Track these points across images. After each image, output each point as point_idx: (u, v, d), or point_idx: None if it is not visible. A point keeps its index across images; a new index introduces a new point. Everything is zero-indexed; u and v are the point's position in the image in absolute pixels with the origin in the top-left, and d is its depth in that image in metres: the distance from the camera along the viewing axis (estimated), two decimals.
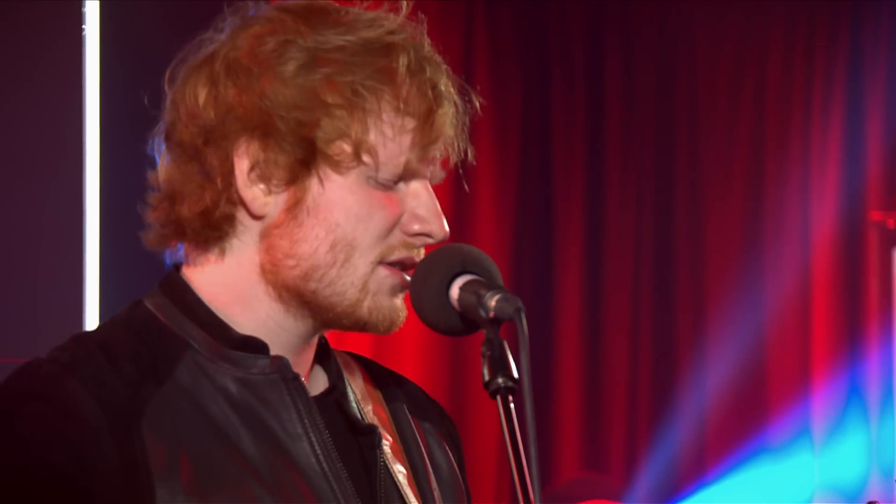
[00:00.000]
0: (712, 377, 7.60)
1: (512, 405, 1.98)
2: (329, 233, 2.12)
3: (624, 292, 7.76)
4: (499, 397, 1.98)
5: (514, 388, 1.99)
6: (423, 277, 2.11)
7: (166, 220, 2.18)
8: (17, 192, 3.78)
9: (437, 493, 2.29)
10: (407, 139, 2.13)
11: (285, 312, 2.17)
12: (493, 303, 2.02)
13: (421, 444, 2.32)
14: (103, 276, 3.82)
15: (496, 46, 7.63)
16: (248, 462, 2.10)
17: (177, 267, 2.22)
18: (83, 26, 3.80)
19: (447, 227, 2.17)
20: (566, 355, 7.74)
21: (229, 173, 2.13)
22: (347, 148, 2.10)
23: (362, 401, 2.28)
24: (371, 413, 2.27)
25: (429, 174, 2.19)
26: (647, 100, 7.76)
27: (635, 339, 7.76)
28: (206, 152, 2.14)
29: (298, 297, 2.15)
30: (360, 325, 2.16)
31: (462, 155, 2.22)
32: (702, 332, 7.64)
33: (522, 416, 1.97)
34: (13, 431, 2.04)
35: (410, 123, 2.13)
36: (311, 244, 2.12)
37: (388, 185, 2.14)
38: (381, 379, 2.36)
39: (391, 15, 2.18)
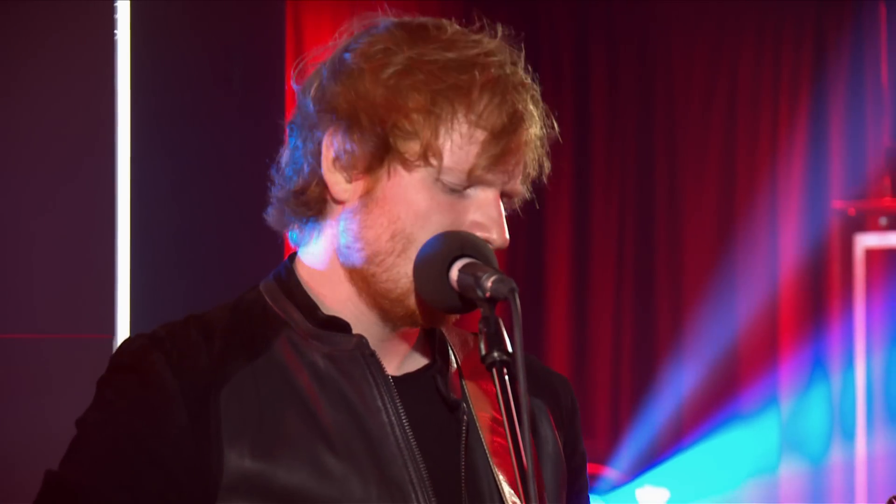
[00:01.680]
0: (689, 351, 7.60)
1: (506, 377, 1.98)
2: (391, 223, 2.12)
3: (608, 275, 7.77)
4: (494, 370, 1.99)
5: (509, 362, 1.98)
6: (426, 260, 2.10)
7: (279, 201, 2.22)
8: (53, 181, 3.76)
9: (540, 467, 2.27)
10: (475, 149, 2.12)
11: (359, 296, 2.18)
12: (489, 283, 2.02)
13: (523, 418, 2.29)
14: (134, 261, 3.81)
15: None
16: (323, 429, 2.11)
17: (292, 258, 2.25)
18: (115, 30, 3.78)
19: (507, 236, 2.17)
20: (555, 332, 7.74)
21: (318, 158, 2.16)
22: (416, 148, 2.11)
23: (469, 376, 2.26)
24: (476, 387, 2.26)
25: (499, 186, 2.17)
26: (629, 99, 7.77)
27: (618, 318, 7.77)
28: (304, 139, 2.17)
29: (363, 280, 2.16)
30: (411, 317, 2.16)
31: (537, 172, 2.23)
32: (679, 311, 7.65)
33: (516, 387, 1.96)
34: (104, 396, 2.11)
35: (481, 135, 2.12)
36: (375, 231, 2.13)
37: (457, 191, 2.14)
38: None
39: (489, 38, 2.22)
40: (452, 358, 2.28)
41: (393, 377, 2.18)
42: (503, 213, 2.17)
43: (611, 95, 7.78)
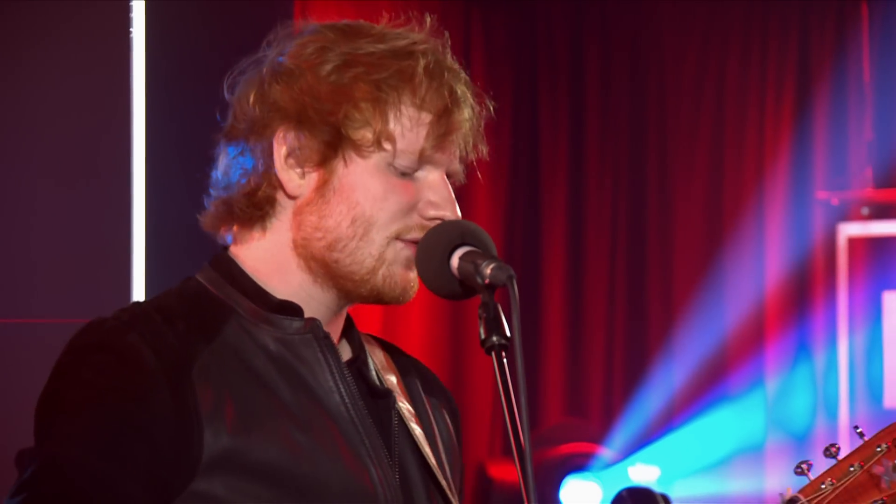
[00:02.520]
0: (679, 336, 7.60)
1: (504, 360, 1.99)
2: (350, 209, 2.13)
3: (602, 262, 7.77)
4: (493, 353, 1.99)
5: (507, 345, 1.99)
6: (428, 248, 2.11)
7: (220, 205, 2.21)
8: (72, 172, 3.76)
9: (444, 454, 2.30)
10: (423, 131, 2.15)
11: (313, 283, 2.18)
12: (488, 271, 2.03)
13: (428, 412, 2.33)
14: (148, 249, 3.81)
15: (491, 49, 7.63)
16: (286, 407, 2.11)
17: (224, 248, 2.24)
18: (130, 28, 3.77)
19: (459, 213, 2.19)
20: (551, 317, 7.74)
21: (269, 158, 2.15)
22: (369, 135, 2.12)
23: (381, 371, 2.29)
24: (391, 382, 2.28)
25: (445, 167, 2.20)
26: (622, 96, 7.77)
27: (612, 304, 7.77)
28: (251, 142, 2.17)
29: (324, 266, 2.16)
30: (375, 294, 2.17)
31: (477, 153, 2.24)
32: (670, 299, 7.64)
33: (514, 369, 1.97)
34: (81, 377, 2.06)
35: (427, 118, 2.15)
36: (335, 219, 2.14)
37: (407, 173, 2.16)
38: (398, 357, 2.37)
39: (417, 30, 2.23)
40: (368, 354, 2.30)
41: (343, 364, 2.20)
42: (447, 183, 2.20)
43: (604, 92, 7.78)
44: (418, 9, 7.77)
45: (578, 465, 6.81)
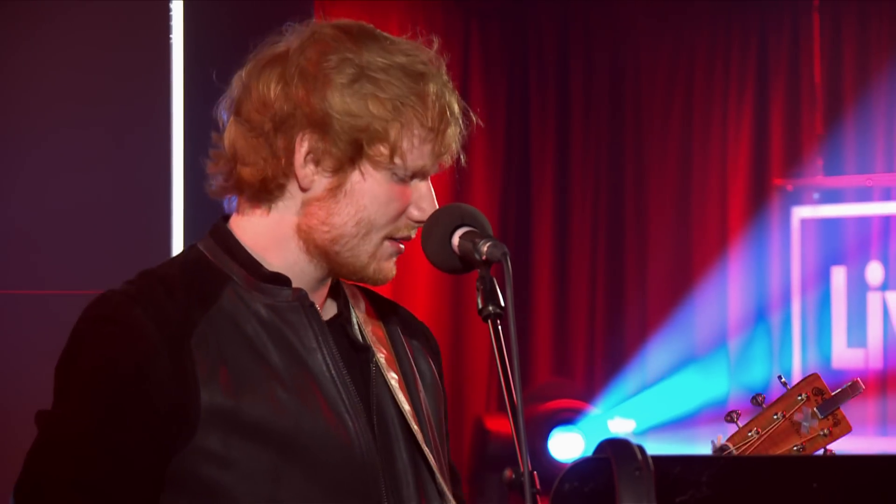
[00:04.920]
0: (652, 305, 7.60)
1: (499, 326, 1.97)
2: (357, 212, 2.11)
3: (584, 242, 7.76)
4: (489, 321, 1.97)
5: (501, 314, 1.97)
6: (431, 229, 2.09)
7: (228, 176, 2.17)
8: (120, 160, 3.74)
9: (422, 394, 2.27)
10: (427, 148, 2.12)
11: (308, 261, 2.16)
12: (485, 248, 2.01)
13: (409, 356, 2.30)
14: (186, 226, 3.79)
15: (488, 56, 7.62)
16: (274, 370, 2.09)
17: (224, 218, 2.21)
18: (170, 35, 3.75)
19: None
20: (540, 289, 7.74)
21: (290, 154, 2.11)
22: (385, 151, 2.10)
23: (364, 323, 2.25)
24: (370, 333, 2.25)
25: (432, 173, 2.18)
26: (603, 96, 7.76)
27: (593, 278, 7.76)
28: (274, 135, 2.12)
29: (324, 253, 2.14)
30: (362, 279, 2.17)
31: (459, 160, 2.20)
32: (645, 272, 7.64)
33: (507, 335, 1.95)
34: (91, 346, 2.05)
35: (430, 136, 2.12)
36: (342, 218, 2.12)
37: (405, 181, 2.14)
38: (381, 306, 2.33)
39: (422, 46, 2.18)
40: (352, 309, 2.26)
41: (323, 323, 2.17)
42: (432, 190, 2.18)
43: (587, 93, 7.77)
44: (423, 21, 7.76)
45: (564, 419, 6.80)
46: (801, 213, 7.28)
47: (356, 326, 2.24)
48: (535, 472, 1.85)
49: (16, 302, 3.65)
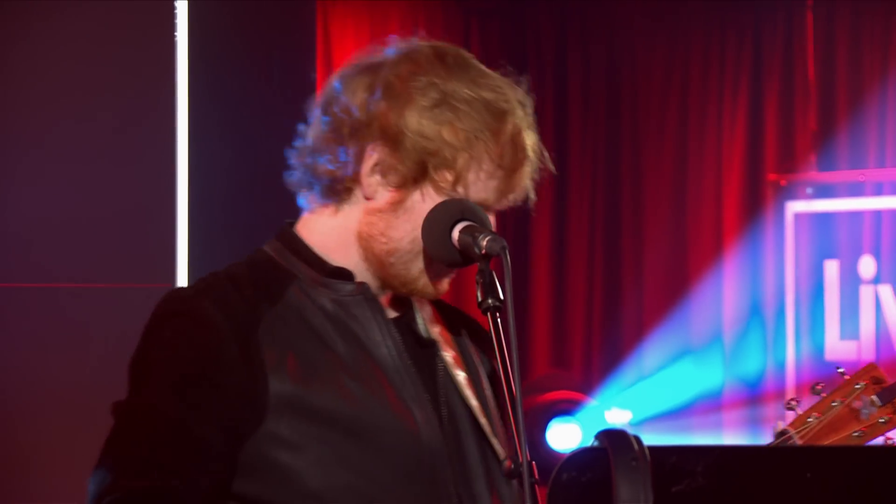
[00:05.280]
0: (649, 298, 7.60)
1: (498, 319, 1.97)
2: (414, 230, 2.11)
3: (582, 233, 7.76)
4: (489, 313, 1.97)
5: (500, 307, 1.97)
6: (432, 223, 2.09)
7: (307, 168, 2.19)
8: (125, 153, 3.74)
9: (488, 392, 2.27)
10: (493, 184, 2.11)
11: (366, 266, 2.16)
12: (484, 242, 2.01)
13: (475, 358, 2.30)
14: (191, 219, 3.79)
15: (487, 53, 7.61)
16: (341, 360, 2.11)
17: (290, 223, 2.23)
18: (174, 31, 3.75)
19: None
20: (538, 282, 7.74)
21: (360, 161, 2.12)
22: (450, 178, 2.09)
23: (429, 324, 2.26)
24: (436, 333, 2.26)
25: (497, 209, 2.16)
26: (600, 92, 7.75)
27: (591, 272, 7.76)
28: (349, 139, 2.13)
29: (378, 262, 2.15)
30: (411, 293, 2.18)
31: (528, 199, 2.21)
32: (641, 266, 7.64)
33: (506, 327, 1.95)
34: (163, 340, 2.08)
35: (499, 173, 2.11)
36: (399, 233, 2.12)
37: None
38: (446, 311, 2.34)
39: (513, 84, 2.19)
40: (416, 310, 2.27)
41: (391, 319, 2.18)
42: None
43: (584, 90, 7.77)
44: (424, 20, 7.73)
45: (562, 410, 6.80)
46: (795, 207, 7.28)
47: (422, 326, 2.25)
48: (533, 463, 1.85)
49: (23, 295, 3.66)
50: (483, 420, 2.20)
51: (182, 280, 3.72)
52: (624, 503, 1.59)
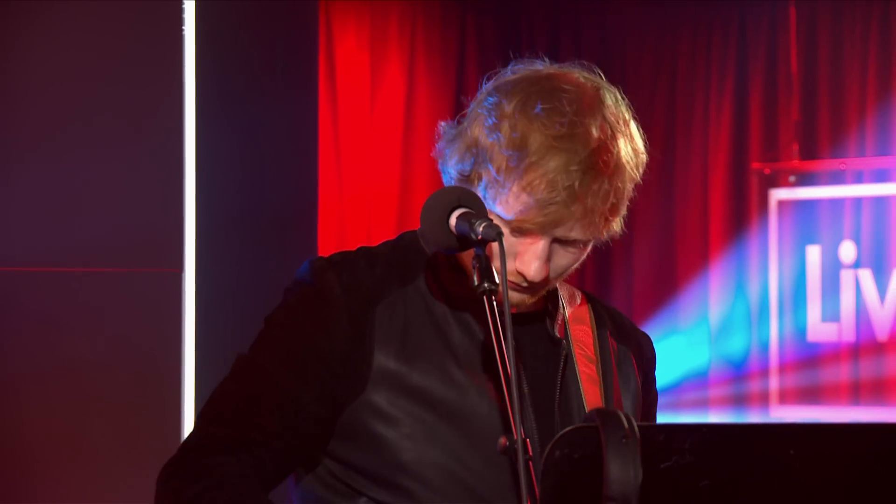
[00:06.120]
0: (637, 280, 7.61)
1: (494, 302, 1.94)
2: None
3: None
4: (485, 297, 1.95)
5: (496, 290, 1.95)
6: (430, 210, 2.06)
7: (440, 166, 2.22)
8: (137, 144, 3.73)
9: (619, 395, 2.26)
10: (519, 208, 2.06)
11: None
12: (480, 228, 1.97)
13: (612, 358, 2.28)
14: (199, 205, 3.78)
15: (483, 47, 7.61)
16: (452, 348, 2.12)
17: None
18: (182, 27, 3.75)
19: (539, 274, 2.11)
20: None
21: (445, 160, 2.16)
22: (479, 186, 2.10)
23: (572, 322, 2.25)
24: (576, 330, 2.25)
25: (548, 238, 2.11)
26: None
27: None
28: (452, 140, 2.16)
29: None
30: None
31: (599, 235, 2.18)
32: (630, 250, 7.64)
33: (502, 310, 1.93)
34: (287, 303, 2.14)
35: (527, 199, 2.06)
36: None
37: (511, 229, 2.09)
38: (597, 308, 2.33)
39: (588, 126, 2.13)
40: (561, 306, 2.27)
41: (512, 314, 2.12)
42: (543, 254, 2.10)
43: None
44: (422, 17, 7.70)
45: None
46: (778, 195, 7.28)
47: (559, 323, 2.24)
48: (527, 440, 1.84)
49: (36, 279, 3.65)
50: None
51: (189, 264, 3.71)
52: (614, 479, 1.58)
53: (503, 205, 2.08)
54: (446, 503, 2.06)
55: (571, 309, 2.29)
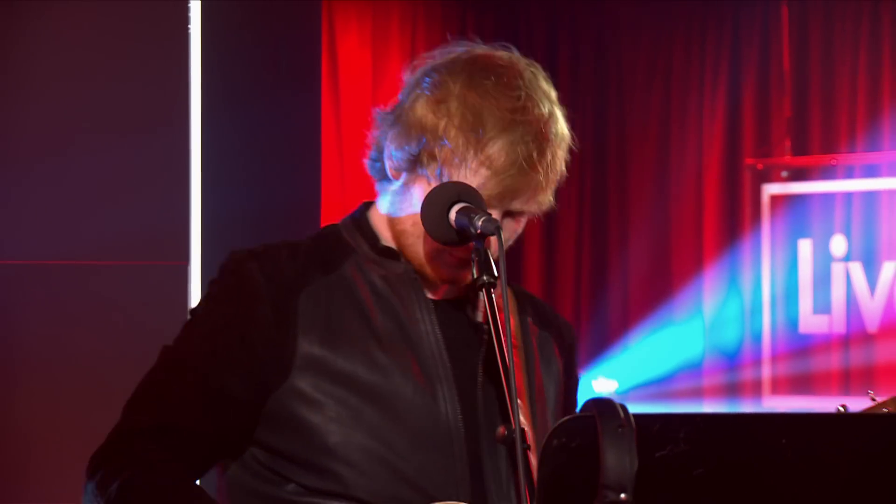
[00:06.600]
0: (633, 274, 7.61)
1: (493, 294, 1.96)
2: (415, 214, 2.10)
3: (571, 217, 7.77)
4: (483, 289, 1.97)
5: (494, 283, 1.96)
6: (431, 204, 2.07)
7: (373, 163, 2.22)
8: (141, 145, 3.74)
9: (540, 380, 2.26)
10: (477, 181, 2.07)
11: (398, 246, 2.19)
12: (479, 222, 1.98)
13: (534, 343, 2.28)
14: (205, 199, 3.78)
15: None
16: (375, 332, 2.11)
17: (368, 203, 2.24)
18: (188, 26, 3.75)
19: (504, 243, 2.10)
20: (530, 260, 7.74)
21: (383, 146, 2.16)
22: (435, 167, 2.09)
23: (489, 308, 2.17)
24: (497, 316, 2.19)
25: (500, 209, 2.12)
26: (588, 84, 7.75)
27: (579, 249, 7.77)
28: (387, 126, 2.16)
29: (396, 242, 2.16)
30: (423, 275, 2.15)
31: (543, 207, 2.18)
32: (626, 243, 7.65)
33: (500, 302, 1.94)
34: (211, 292, 2.14)
35: (485, 172, 2.07)
36: (404, 216, 2.13)
37: None
38: (518, 297, 2.32)
39: (538, 102, 2.15)
40: (482, 293, 2.21)
41: (434, 300, 2.16)
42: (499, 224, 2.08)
43: (573, 80, 7.76)
44: (423, 14, 7.69)
45: None
46: (771, 189, 7.28)
47: (481, 309, 2.22)
48: (525, 430, 1.84)
49: (46, 272, 3.66)
50: (518, 401, 2.18)
51: (195, 258, 3.72)
52: (610, 467, 1.58)
53: (460, 178, 2.07)
54: (373, 485, 2.04)
55: (493, 296, 2.28)
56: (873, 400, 2.39)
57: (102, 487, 2.00)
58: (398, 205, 2.14)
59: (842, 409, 2.30)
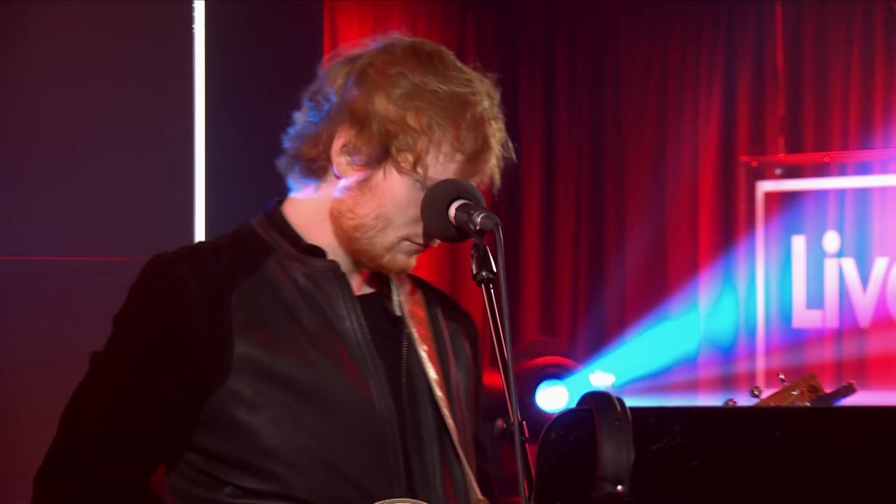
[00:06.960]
0: (630, 269, 7.60)
1: (492, 290, 1.96)
2: (378, 208, 2.10)
3: (569, 215, 7.76)
4: (483, 285, 1.97)
5: (493, 279, 1.96)
6: (431, 201, 2.08)
7: (292, 151, 2.19)
8: (145, 143, 3.74)
9: (454, 369, 2.27)
10: (453, 167, 2.10)
11: (338, 243, 2.16)
12: (478, 219, 2.00)
13: (445, 335, 2.29)
14: (208, 197, 3.79)
15: (481, 43, 7.61)
16: (305, 331, 2.10)
17: (278, 202, 2.23)
18: (192, 26, 3.75)
19: None
20: (529, 256, 7.74)
21: (330, 142, 2.12)
22: (410, 159, 2.08)
23: (405, 302, 2.25)
24: (409, 310, 2.24)
25: None
26: (585, 83, 7.75)
27: (577, 245, 7.76)
28: (324, 122, 2.14)
29: (347, 238, 2.14)
30: (377, 268, 2.16)
31: (494, 185, 2.20)
32: (623, 239, 7.64)
33: (499, 297, 1.94)
34: (140, 298, 2.11)
35: (460, 157, 2.10)
36: (364, 210, 2.11)
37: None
38: (426, 290, 2.33)
39: (483, 80, 2.16)
40: (393, 288, 2.25)
41: (357, 296, 2.17)
42: None
43: (571, 78, 7.76)
44: (423, 14, 7.68)
45: (550, 374, 6.79)
46: (765, 186, 7.28)
47: (396, 303, 2.23)
48: (524, 423, 1.85)
49: (52, 267, 3.66)
50: (439, 393, 2.19)
51: None
52: (607, 460, 1.58)
53: (436, 167, 2.08)
54: (313, 485, 2.04)
55: (404, 290, 2.28)
56: (782, 381, 2.43)
57: (59, 497, 1.97)
58: (355, 199, 2.12)
59: (731, 403, 2.34)
